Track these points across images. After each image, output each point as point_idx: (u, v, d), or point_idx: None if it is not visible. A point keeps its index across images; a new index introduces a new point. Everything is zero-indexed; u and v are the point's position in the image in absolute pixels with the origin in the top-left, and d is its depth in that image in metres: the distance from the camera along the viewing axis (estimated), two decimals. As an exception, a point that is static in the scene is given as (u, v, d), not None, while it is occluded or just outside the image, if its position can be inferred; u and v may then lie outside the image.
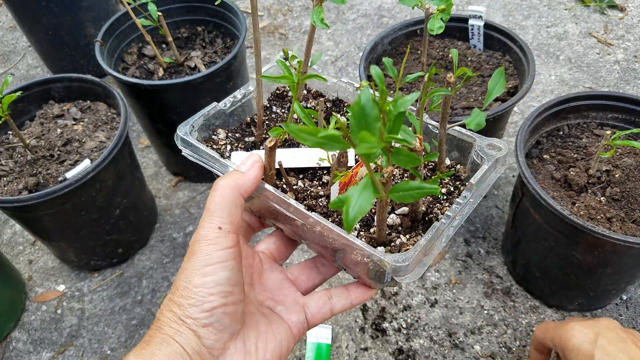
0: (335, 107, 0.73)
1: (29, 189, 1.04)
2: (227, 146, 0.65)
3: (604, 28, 1.81)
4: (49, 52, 1.81)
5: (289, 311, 0.59)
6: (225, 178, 0.52)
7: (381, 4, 2.06)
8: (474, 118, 0.53)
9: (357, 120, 0.31)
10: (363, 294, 0.61)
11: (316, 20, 0.54)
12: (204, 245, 0.48)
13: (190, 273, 0.48)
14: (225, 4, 1.34)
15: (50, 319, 1.21)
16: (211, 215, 0.50)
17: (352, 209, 0.33)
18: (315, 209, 0.56)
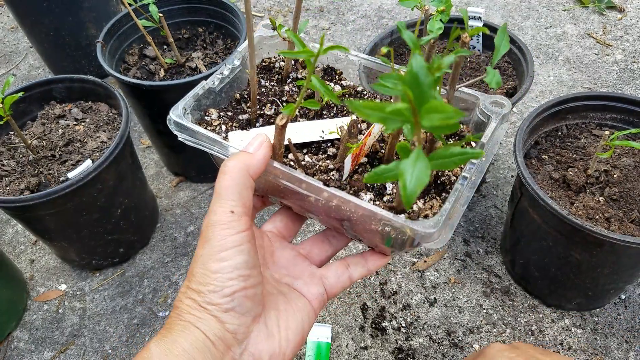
0: (327, 75, 0.70)
1: (30, 189, 1.05)
2: (222, 126, 0.63)
3: (603, 29, 1.82)
4: (50, 52, 1.82)
5: (308, 284, 0.59)
6: (233, 159, 0.50)
7: (381, 5, 2.07)
8: (492, 77, 0.51)
9: (413, 90, 0.28)
10: (380, 260, 0.61)
11: None
12: (218, 230, 0.47)
13: (206, 259, 0.47)
14: (225, 5, 1.35)
15: (51, 318, 1.22)
16: (222, 198, 0.48)
17: (409, 183, 0.30)
18: (329, 183, 0.54)
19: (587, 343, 1.06)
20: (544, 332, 1.08)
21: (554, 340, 1.07)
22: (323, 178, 0.55)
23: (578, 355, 1.05)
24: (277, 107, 0.65)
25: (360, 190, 0.54)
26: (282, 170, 0.53)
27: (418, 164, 0.31)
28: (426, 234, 0.47)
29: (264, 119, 0.64)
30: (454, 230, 0.53)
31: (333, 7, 2.09)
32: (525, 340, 1.08)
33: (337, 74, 0.70)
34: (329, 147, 0.61)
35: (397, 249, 0.56)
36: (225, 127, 0.62)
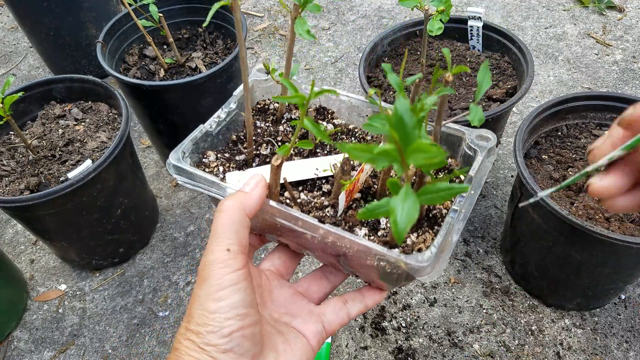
0: (320, 114, 0.73)
1: (30, 189, 1.05)
2: (220, 167, 0.65)
3: (603, 29, 1.82)
4: (50, 52, 1.82)
5: (306, 322, 0.59)
6: (229, 199, 0.51)
7: (381, 5, 2.07)
8: (475, 114, 0.53)
9: (398, 131, 0.30)
10: (377, 295, 0.62)
11: (301, 32, 0.54)
12: (215, 269, 0.48)
13: (204, 300, 0.47)
14: (225, 5, 1.35)
15: (51, 318, 1.22)
16: (218, 237, 0.49)
17: (400, 219, 0.32)
18: (324, 219, 0.56)
19: (587, 343, 1.06)
20: (543, 332, 1.08)
21: (553, 340, 1.07)
22: (318, 215, 0.57)
23: (578, 356, 1.05)
24: (273, 146, 0.67)
25: (355, 226, 0.56)
26: (279, 209, 0.54)
27: (407, 200, 0.33)
28: (420, 268, 0.48)
29: (260, 158, 0.66)
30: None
31: (333, 7, 2.09)
32: (525, 340, 1.08)
33: (330, 113, 0.73)
34: (323, 184, 0.63)
35: (393, 283, 0.57)
36: (222, 169, 0.64)
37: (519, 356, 1.05)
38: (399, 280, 0.55)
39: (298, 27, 0.54)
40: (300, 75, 1.81)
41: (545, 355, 1.05)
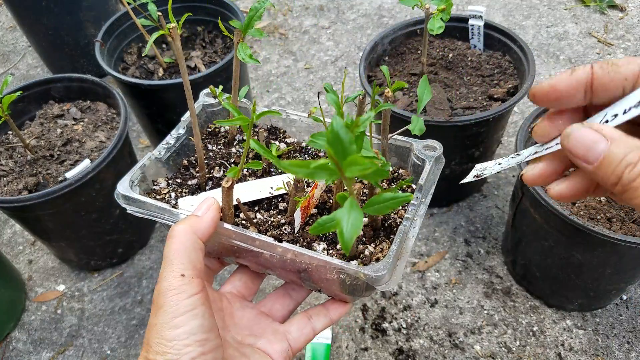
0: (272, 134, 0.73)
1: (29, 189, 1.04)
2: (171, 194, 0.64)
3: (604, 28, 1.81)
4: (48, 52, 1.81)
5: (271, 342, 0.59)
6: (181, 224, 0.51)
7: (381, 3, 2.06)
8: (415, 124, 0.56)
9: (334, 147, 0.31)
10: (341, 308, 0.62)
11: (244, 56, 0.54)
12: (170, 296, 0.46)
13: (160, 328, 0.46)
14: (224, 3, 1.34)
15: (50, 319, 1.21)
16: (171, 263, 0.48)
17: (346, 230, 0.33)
18: (282, 237, 0.57)
19: (589, 344, 1.06)
20: (545, 333, 1.08)
21: (555, 341, 1.07)
22: (275, 233, 0.57)
23: (579, 356, 1.04)
24: (225, 169, 0.67)
25: (313, 242, 0.56)
26: (234, 231, 0.54)
27: (352, 212, 0.34)
28: (377, 277, 0.49)
29: (213, 181, 0.66)
30: (455, 231, 0.54)
31: (333, 5, 2.08)
32: (526, 341, 1.07)
33: (281, 133, 0.73)
34: (279, 202, 0.63)
35: (356, 294, 0.58)
36: (174, 194, 0.63)
37: (520, 357, 1.05)
38: (360, 291, 0.56)
39: (240, 52, 0.55)
40: (300, 75, 1.80)
41: (547, 356, 1.04)
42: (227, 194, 0.53)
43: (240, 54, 0.55)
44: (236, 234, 0.54)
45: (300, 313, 0.63)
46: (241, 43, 0.55)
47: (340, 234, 0.33)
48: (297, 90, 1.74)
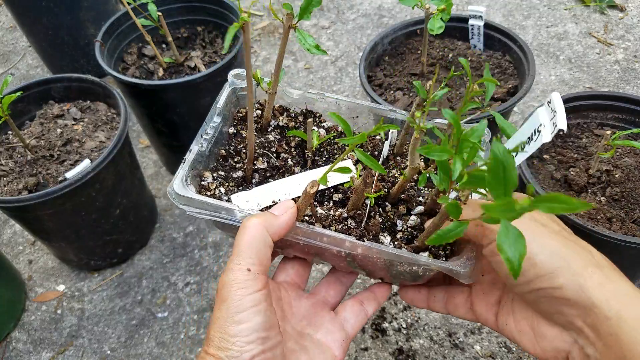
0: (307, 119, 0.71)
1: (29, 189, 1.04)
2: (220, 189, 0.61)
3: (604, 28, 1.81)
4: (48, 52, 1.81)
5: (331, 333, 0.59)
6: (256, 217, 0.50)
7: (381, 3, 2.06)
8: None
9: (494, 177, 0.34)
10: (386, 291, 0.64)
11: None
12: (235, 290, 0.46)
13: (223, 322, 0.46)
14: (225, 3, 1.34)
15: (50, 319, 1.21)
16: (239, 255, 0.48)
17: (514, 258, 0.34)
18: (350, 232, 0.56)
19: (589, 344, 1.06)
20: (545, 333, 1.08)
21: (555, 341, 1.07)
22: (340, 228, 0.57)
23: (579, 357, 1.04)
24: (269, 159, 0.65)
25: (377, 234, 0.57)
26: (306, 230, 0.54)
27: (514, 238, 0.35)
28: (465, 273, 0.51)
29: (259, 173, 0.63)
30: None
31: (333, 5, 2.08)
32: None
33: (317, 117, 0.71)
34: (332, 193, 0.62)
35: (417, 281, 0.60)
36: (223, 189, 0.61)
37: (520, 357, 1.05)
38: (424, 279, 0.58)
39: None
40: (300, 75, 1.80)
41: (547, 357, 1.05)
42: (309, 198, 0.52)
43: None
44: (306, 233, 0.54)
45: (351, 299, 0.63)
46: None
47: (507, 261, 0.34)
48: (297, 90, 1.74)
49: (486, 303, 0.57)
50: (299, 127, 0.70)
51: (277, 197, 0.59)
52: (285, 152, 0.66)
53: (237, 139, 0.67)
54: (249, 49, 0.52)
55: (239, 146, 0.66)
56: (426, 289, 0.63)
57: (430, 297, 0.62)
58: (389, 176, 0.65)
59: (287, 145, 0.67)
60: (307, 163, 0.66)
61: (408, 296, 0.63)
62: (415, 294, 0.63)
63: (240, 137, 0.67)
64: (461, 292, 0.60)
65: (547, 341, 0.48)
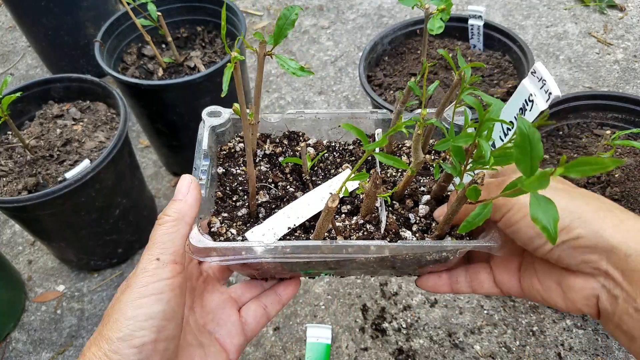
0: (291, 140, 0.70)
1: (28, 189, 1.04)
2: (231, 230, 0.60)
3: (604, 28, 1.81)
4: (48, 52, 1.81)
5: (231, 335, 0.59)
6: (168, 211, 0.51)
7: (381, 3, 2.06)
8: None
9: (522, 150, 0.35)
10: (292, 291, 0.64)
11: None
12: (140, 277, 0.47)
13: (123, 304, 0.46)
14: (224, 4, 1.34)
15: (49, 319, 1.21)
16: (150, 248, 0.49)
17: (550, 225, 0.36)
18: (374, 236, 0.57)
19: (589, 344, 1.06)
20: (545, 333, 1.08)
21: (555, 341, 1.07)
22: (362, 235, 0.57)
23: (579, 356, 1.04)
24: (269, 191, 0.64)
25: (398, 231, 0.57)
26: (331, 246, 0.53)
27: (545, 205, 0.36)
28: (497, 246, 0.53)
29: (264, 207, 0.63)
30: None
31: (333, 5, 2.08)
32: (526, 341, 1.07)
33: (300, 135, 0.71)
34: (341, 205, 0.62)
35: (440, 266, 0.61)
36: (234, 230, 0.60)
37: (520, 357, 1.05)
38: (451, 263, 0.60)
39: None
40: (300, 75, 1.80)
41: (547, 356, 1.04)
42: (332, 212, 0.51)
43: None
44: (331, 248, 0.53)
45: (255, 300, 0.63)
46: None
47: (544, 229, 0.36)
48: (297, 90, 1.74)
49: (508, 272, 0.58)
50: (286, 151, 0.69)
51: (291, 222, 0.59)
52: (282, 180, 0.66)
53: (228, 177, 0.65)
54: (241, 87, 0.51)
55: (233, 184, 0.64)
56: (446, 274, 0.63)
57: (453, 280, 0.62)
58: (387, 176, 0.65)
59: (282, 173, 0.67)
60: (306, 186, 0.65)
61: (429, 284, 0.64)
62: (436, 280, 0.63)
63: (231, 175, 0.66)
64: (482, 269, 0.61)
65: (575, 292, 0.50)
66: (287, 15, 0.47)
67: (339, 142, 0.71)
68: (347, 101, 1.67)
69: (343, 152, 0.70)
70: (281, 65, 0.49)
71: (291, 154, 0.68)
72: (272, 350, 1.10)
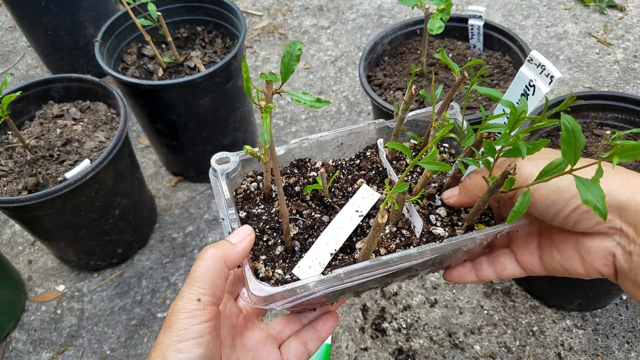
0: (299, 168, 0.70)
1: (28, 189, 1.04)
2: (277, 271, 0.59)
3: (604, 28, 1.81)
4: (48, 52, 1.81)
5: None
6: (213, 247, 0.51)
7: (381, 3, 2.06)
8: None
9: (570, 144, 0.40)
10: (331, 326, 0.64)
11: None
12: (181, 318, 0.47)
13: (165, 348, 0.46)
14: (224, 3, 1.34)
15: (49, 319, 1.21)
16: (192, 285, 0.49)
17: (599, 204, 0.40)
18: (411, 241, 0.59)
19: (589, 344, 1.06)
20: (545, 333, 1.08)
21: (555, 341, 1.07)
22: (401, 242, 0.59)
23: (579, 356, 1.04)
24: (296, 223, 0.65)
25: (429, 230, 0.60)
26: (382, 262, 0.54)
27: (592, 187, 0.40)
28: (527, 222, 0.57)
29: (298, 240, 0.63)
30: None
31: (333, 5, 2.08)
32: (526, 341, 1.07)
33: (308, 161, 0.72)
34: (365, 222, 0.63)
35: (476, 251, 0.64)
36: (280, 271, 0.60)
37: (520, 357, 1.05)
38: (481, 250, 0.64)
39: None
40: (300, 75, 1.80)
41: (547, 356, 1.04)
42: (381, 229, 0.52)
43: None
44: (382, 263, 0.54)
45: (295, 337, 0.63)
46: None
47: (595, 209, 0.40)
48: (297, 91, 1.74)
49: (529, 251, 0.60)
50: (299, 180, 0.69)
51: (331, 248, 0.59)
52: (306, 208, 0.66)
53: (252, 219, 0.65)
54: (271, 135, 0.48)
55: (260, 225, 0.64)
56: (470, 263, 0.65)
57: (477, 268, 0.64)
58: None
59: (304, 202, 0.67)
60: (329, 208, 0.66)
61: (455, 275, 0.65)
62: (461, 271, 0.65)
63: (254, 216, 0.65)
64: (504, 253, 0.63)
65: (592, 254, 0.51)
66: (291, 51, 0.47)
67: (343, 159, 0.72)
68: (347, 101, 1.67)
69: (351, 168, 0.71)
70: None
71: (305, 181, 0.69)
72: (272, 350, 1.10)
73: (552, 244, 0.57)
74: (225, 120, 1.33)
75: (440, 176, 0.66)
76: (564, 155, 0.41)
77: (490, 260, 0.64)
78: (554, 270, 0.57)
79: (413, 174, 0.69)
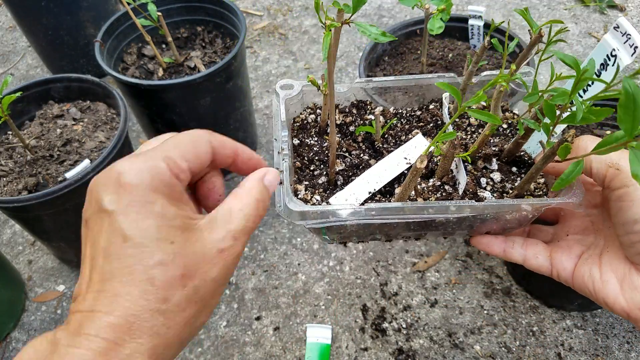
0: (359, 108, 0.72)
1: (28, 189, 1.04)
2: (315, 197, 0.61)
3: (604, 28, 1.81)
4: (48, 52, 1.81)
5: None
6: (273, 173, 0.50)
7: (381, 3, 2.06)
8: None
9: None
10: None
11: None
12: None
13: None
14: (224, 3, 1.34)
15: (50, 319, 1.21)
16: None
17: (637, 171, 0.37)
18: (452, 196, 0.58)
19: (589, 344, 1.06)
20: (545, 333, 1.08)
21: (555, 341, 1.07)
22: (441, 197, 0.59)
23: (579, 356, 1.04)
24: (344, 159, 0.66)
25: (475, 191, 0.59)
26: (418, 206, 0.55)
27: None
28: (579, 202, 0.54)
29: (341, 175, 0.65)
30: None
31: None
32: (526, 341, 1.07)
33: (368, 104, 0.73)
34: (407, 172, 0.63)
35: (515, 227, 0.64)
36: (318, 197, 0.62)
37: (520, 357, 1.05)
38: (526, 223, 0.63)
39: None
40: (300, 75, 1.80)
41: (547, 356, 1.05)
42: (419, 174, 0.52)
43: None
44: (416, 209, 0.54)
45: None
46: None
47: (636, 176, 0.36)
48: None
49: (568, 255, 0.58)
50: (356, 120, 0.71)
51: (370, 187, 0.60)
52: (356, 149, 0.68)
53: (303, 148, 0.67)
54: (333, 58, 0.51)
55: (309, 154, 0.66)
56: (502, 236, 0.64)
57: (508, 244, 0.63)
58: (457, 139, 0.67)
59: (355, 142, 0.69)
60: (379, 153, 0.67)
61: (483, 241, 0.64)
62: (491, 240, 0.63)
63: (306, 146, 0.67)
64: (541, 244, 0.61)
65: (637, 291, 0.48)
66: None
67: (405, 109, 0.72)
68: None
69: (410, 119, 0.70)
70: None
71: (360, 122, 0.70)
72: (272, 350, 1.10)
73: (598, 261, 0.54)
74: (225, 121, 1.33)
75: (502, 140, 0.64)
76: (619, 122, 0.37)
77: (526, 243, 0.62)
78: (582, 286, 0.54)
79: (474, 135, 0.68)
